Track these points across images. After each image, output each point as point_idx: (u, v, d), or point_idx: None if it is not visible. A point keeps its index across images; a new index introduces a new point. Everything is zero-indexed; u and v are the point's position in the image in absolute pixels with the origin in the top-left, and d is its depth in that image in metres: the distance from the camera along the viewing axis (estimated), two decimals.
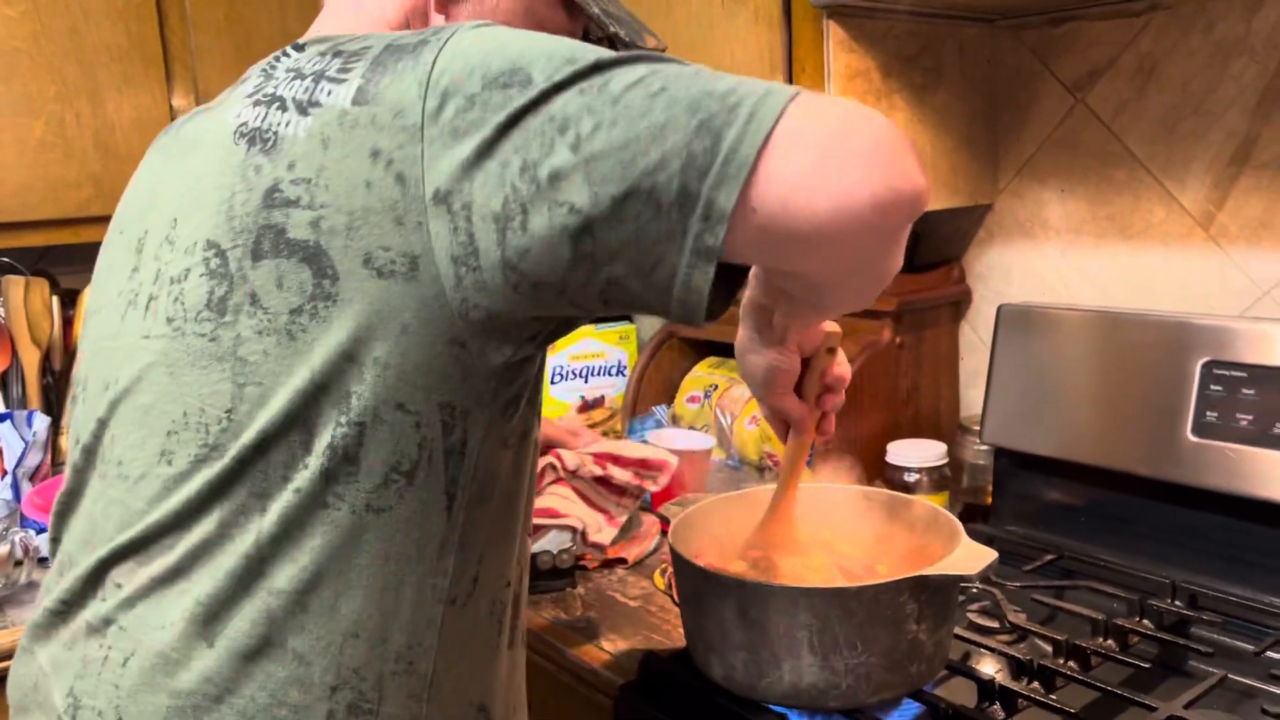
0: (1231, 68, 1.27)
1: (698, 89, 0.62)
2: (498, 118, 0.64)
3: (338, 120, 0.69)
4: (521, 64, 0.65)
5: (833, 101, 0.64)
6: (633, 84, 0.63)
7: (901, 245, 0.70)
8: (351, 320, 0.70)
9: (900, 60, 1.37)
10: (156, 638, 0.74)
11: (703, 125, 0.61)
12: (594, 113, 0.62)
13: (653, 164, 0.61)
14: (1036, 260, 1.51)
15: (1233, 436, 1.17)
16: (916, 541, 1.06)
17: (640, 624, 1.27)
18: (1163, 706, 0.94)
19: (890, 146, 0.61)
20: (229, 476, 0.73)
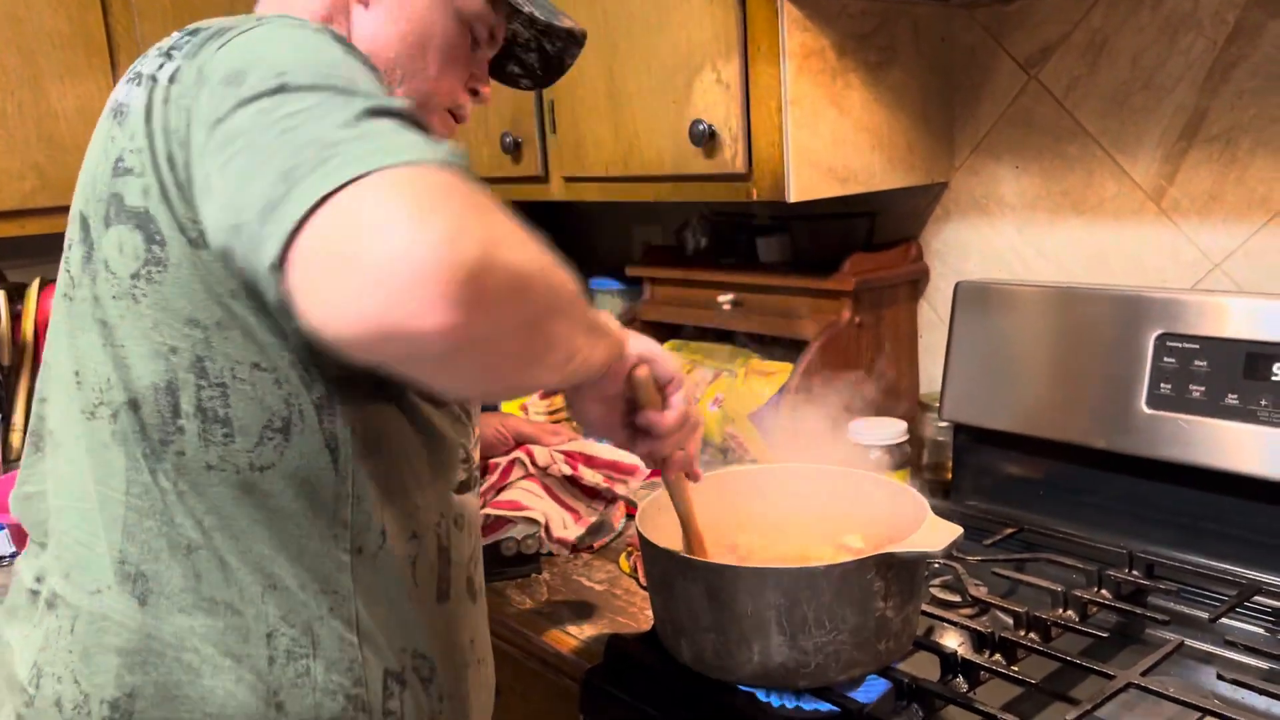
0: (1180, 42, 1.28)
1: (316, 134, 0.60)
2: (218, 115, 0.67)
3: (161, 95, 0.74)
4: (247, 69, 0.67)
5: (426, 191, 0.56)
6: (287, 115, 0.63)
7: (490, 361, 0.61)
8: (183, 285, 0.75)
9: (855, 39, 1.38)
10: (93, 602, 0.79)
11: (290, 172, 0.59)
12: (247, 135, 0.64)
13: (245, 202, 0.61)
14: (993, 237, 1.52)
15: (1186, 408, 1.19)
16: (882, 519, 1.07)
17: (606, 608, 1.27)
18: (1121, 674, 0.95)
19: (408, 268, 0.53)
20: (120, 436, 0.78)
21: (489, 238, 0.56)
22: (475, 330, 0.55)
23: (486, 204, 0.59)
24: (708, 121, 1.38)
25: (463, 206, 0.56)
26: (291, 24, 0.73)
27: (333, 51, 0.69)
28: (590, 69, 1.56)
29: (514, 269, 0.58)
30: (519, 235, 0.61)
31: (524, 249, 0.61)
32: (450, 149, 0.62)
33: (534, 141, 1.71)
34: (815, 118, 1.35)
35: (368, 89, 0.66)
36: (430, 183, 0.57)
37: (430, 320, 0.53)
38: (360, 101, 0.63)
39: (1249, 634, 1.07)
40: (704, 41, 1.37)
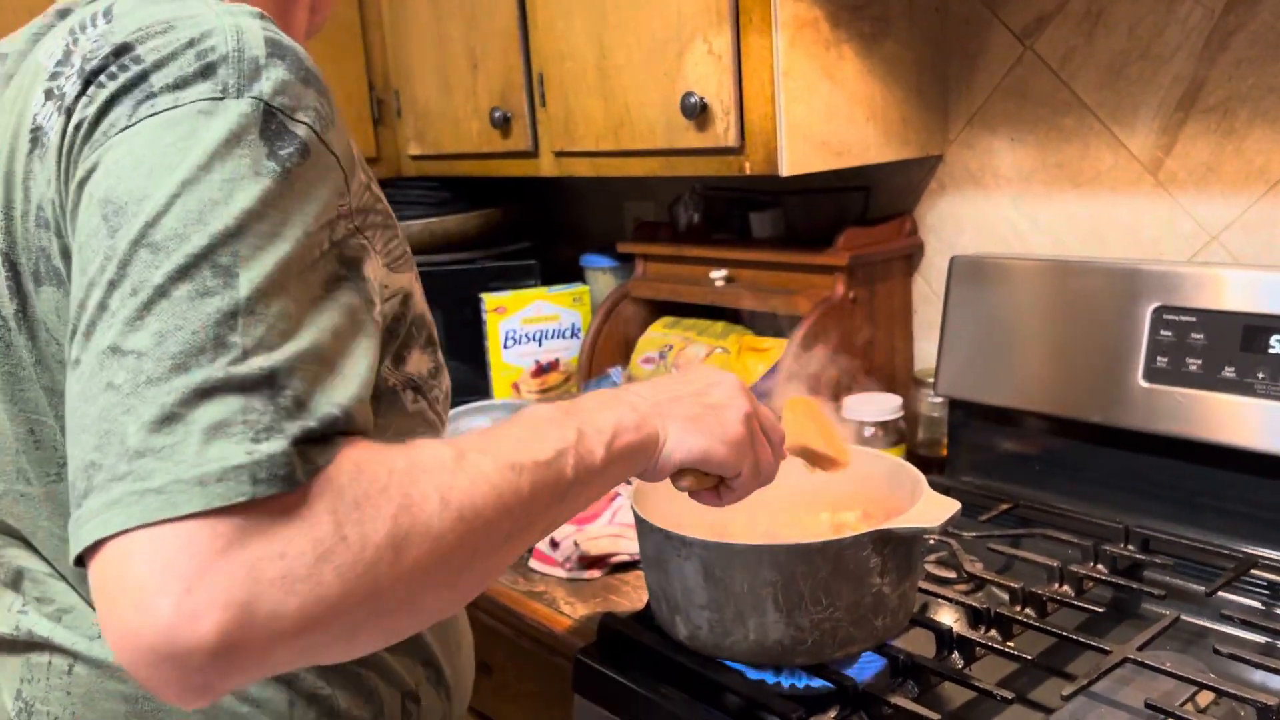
0: (1178, 11, 1.26)
1: (124, 424, 0.53)
2: (93, 246, 0.58)
3: (71, 142, 0.64)
4: (125, 203, 0.57)
5: (186, 554, 0.50)
6: (111, 349, 0.55)
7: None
8: None
9: (848, 9, 1.36)
10: (95, 648, 0.75)
11: (90, 468, 0.53)
12: (87, 349, 0.56)
13: (70, 455, 0.56)
14: (988, 210, 1.51)
15: (1183, 381, 1.18)
16: (878, 495, 1.06)
17: (598, 588, 1.27)
18: (1117, 649, 0.95)
19: (138, 652, 0.50)
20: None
21: (254, 602, 0.50)
22: (236, 683, 0.52)
23: (294, 534, 0.52)
24: (699, 94, 1.36)
25: (230, 574, 0.50)
26: (216, 133, 0.59)
27: (237, 203, 0.57)
28: (579, 41, 1.54)
29: (322, 616, 0.52)
30: (324, 559, 0.52)
31: (345, 574, 0.53)
32: (283, 444, 0.53)
33: (524, 116, 1.69)
34: (808, 90, 1.33)
35: (249, 280, 0.56)
36: (198, 546, 0.50)
37: (170, 690, 0.51)
38: (198, 368, 0.53)
39: (1245, 608, 1.07)
40: (695, 12, 1.35)
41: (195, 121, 0.59)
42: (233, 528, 0.51)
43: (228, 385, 0.53)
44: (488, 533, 0.60)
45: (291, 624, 0.51)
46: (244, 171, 0.58)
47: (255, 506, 0.52)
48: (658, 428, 0.76)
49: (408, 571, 0.55)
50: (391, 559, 0.54)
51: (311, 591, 0.51)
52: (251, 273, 0.56)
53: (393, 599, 0.55)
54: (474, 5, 1.73)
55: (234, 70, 0.61)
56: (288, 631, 0.51)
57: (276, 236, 0.58)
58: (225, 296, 0.55)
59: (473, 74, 1.78)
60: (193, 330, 0.54)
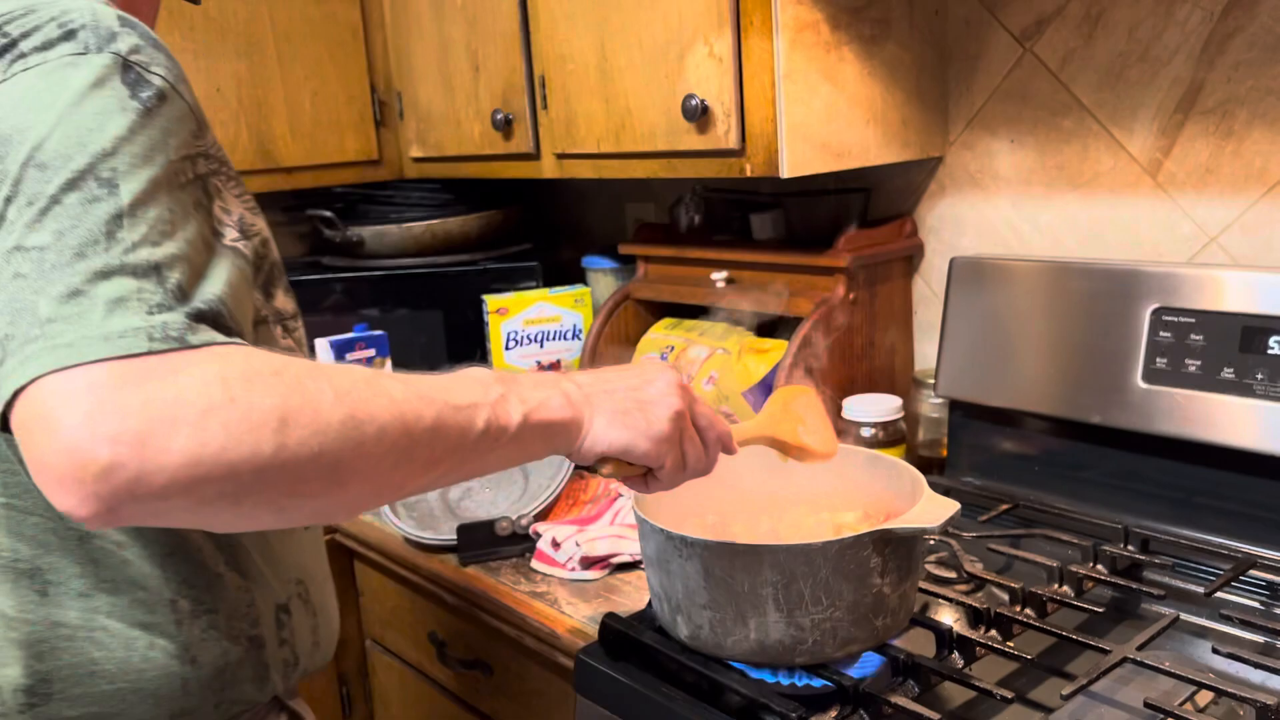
0: (1177, 14, 1.27)
1: (34, 300, 0.62)
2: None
3: None
4: (7, 140, 0.67)
5: (96, 391, 0.59)
6: (21, 249, 0.64)
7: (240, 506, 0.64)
8: None
9: (849, 12, 1.36)
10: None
11: (3, 340, 0.62)
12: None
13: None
14: (988, 212, 1.52)
15: (1182, 382, 1.19)
16: (879, 495, 1.07)
17: (601, 586, 1.27)
18: (1117, 649, 0.95)
19: (50, 468, 0.59)
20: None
21: (165, 440, 0.58)
22: (133, 511, 0.59)
23: (194, 383, 0.60)
24: (700, 96, 1.36)
25: (136, 407, 0.58)
26: (84, 79, 0.69)
27: (110, 130, 0.68)
28: (581, 43, 1.54)
29: (206, 465, 0.59)
30: (224, 408, 0.60)
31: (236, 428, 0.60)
32: (181, 317, 0.63)
33: (525, 118, 1.70)
34: (809, 92, 1.33)
35: (130, 190, 0.66)
36: (111, 384, 0.59)
37: (80, 510, 0.59)
38: (95, 255, 0.63)
39: (1244, 608, 1.08)
40: (696, 15, 1.36)
41: (64, 71, 0.69)
42: (132, 371, 0.60)
43: (122, 270, 0.63)
44: (379, 442, 0.65)
45: (177, 461, 0.58)
46: (112, 107, 0.69)
47: (153, 359, 0.60)
48: (584, 415, 0.81)
49: (293, 449, 0.61)
50: (276, 429, 0.61)
51: (196, 436, 0.59)
52: (130, 184, 0.66)
53: (276, 472, 0.61)
54: (476, 7, 1.74)
55: (92, 34, 0.71)
56: (174, 468, 0.58)
57: (147, 160, 0.68)
58: (110, 202, 0.65)
59: (474, 76, 1.78)
60: (87, 228, 0.64)
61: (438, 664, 1.49)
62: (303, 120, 1.94)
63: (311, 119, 1.95)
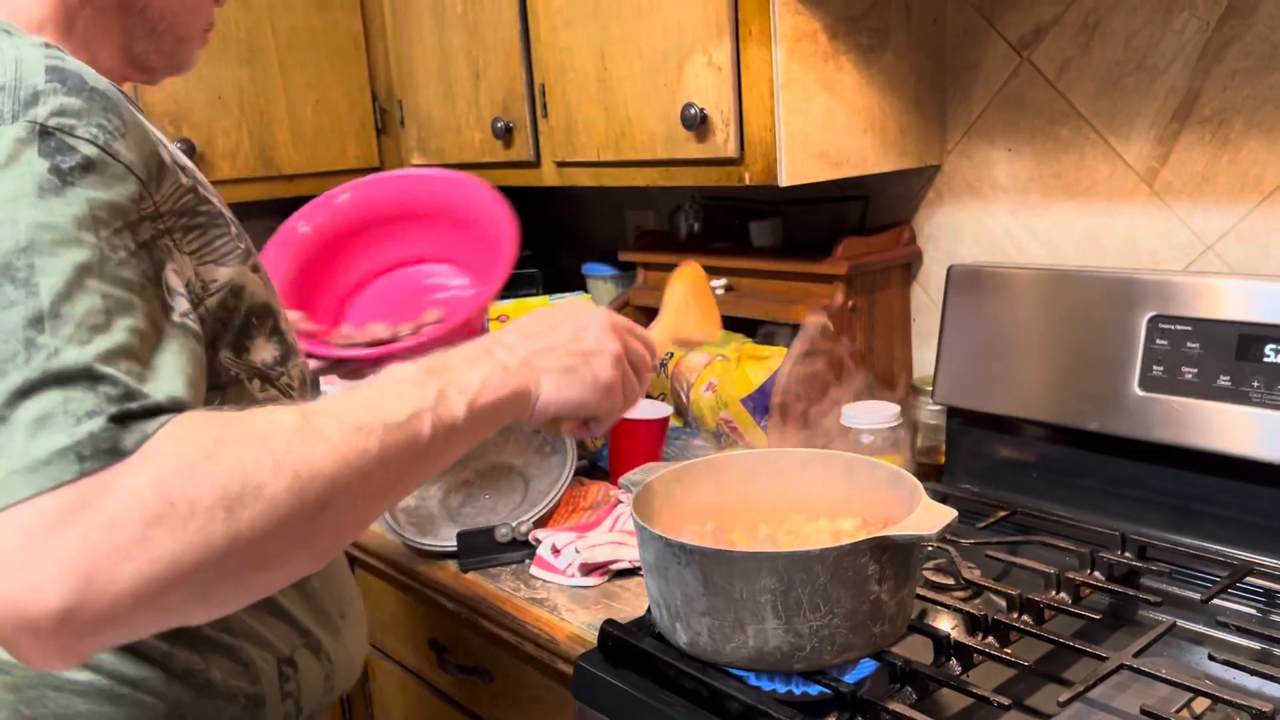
0: (1173, 23, 1.28)
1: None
2: None
3: None
4: None
5: (26, 532, 0.54)
6: None
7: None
8: None
9: (847, 21, 1.37)
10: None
11: None
12: None
13: None
14: (986, 220, 1.52)
15: (1178, 390, 1.19)
16: (877, 502, 1.07)
17: (599, 594, 1.27)
18: (1113, 656, 0.96)
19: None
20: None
21: (93, 571, 0.54)
22: (99, 643, 0.56)
23: (119, 500, 0.56)
24: (699, 105, 1.37)
25: (68, 543, 0.54)
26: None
27: (23, 218, 0.61)
28: (581, 52, 1.55)
29: (160, 578, 0.56)
30: (156, 521, 0.56)
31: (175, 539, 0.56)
32: (100, 421, 0.57)
33: (525, 126, 1.70)
34: (807, 101, 1.34)
35: (50, 287, 0.60)
36: (37, 522, 0.55)
37: (44, 662, 0.56)
38: (14, 371, 0.57)
39: (1241, 615, 1.08)
40: (695, 24, 1.36)
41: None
42: (63, 505, 0.55)
43: (44, 381, 0.57)
44: (332, 492, 0.62)
45: (131, 587, 0.55)
46: (25, 189, 0.62)
47: (83, 484, 0.55)
48: (529, 383, 0.80)
49: (246, 532, 0.58)
50: (225, 519, 0.57)
51: (145, 554, 0.55)
52: (51, 279, 0.60)
53: (236, 559, 0.58)
54: (476, 16, 1.74)
55: (8, 98, 0.64)
56: (130, 594, 0.55)
57: (72, 243, 0.62)
58: (29, 305, 0.59)
59: (475, 84, 1.79)
60: (3, 340, 0.58)
61: (438, 670, 1.49)
62: (304, 128, 1.95)
63: (313, 126, 1.96)
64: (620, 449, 1.52)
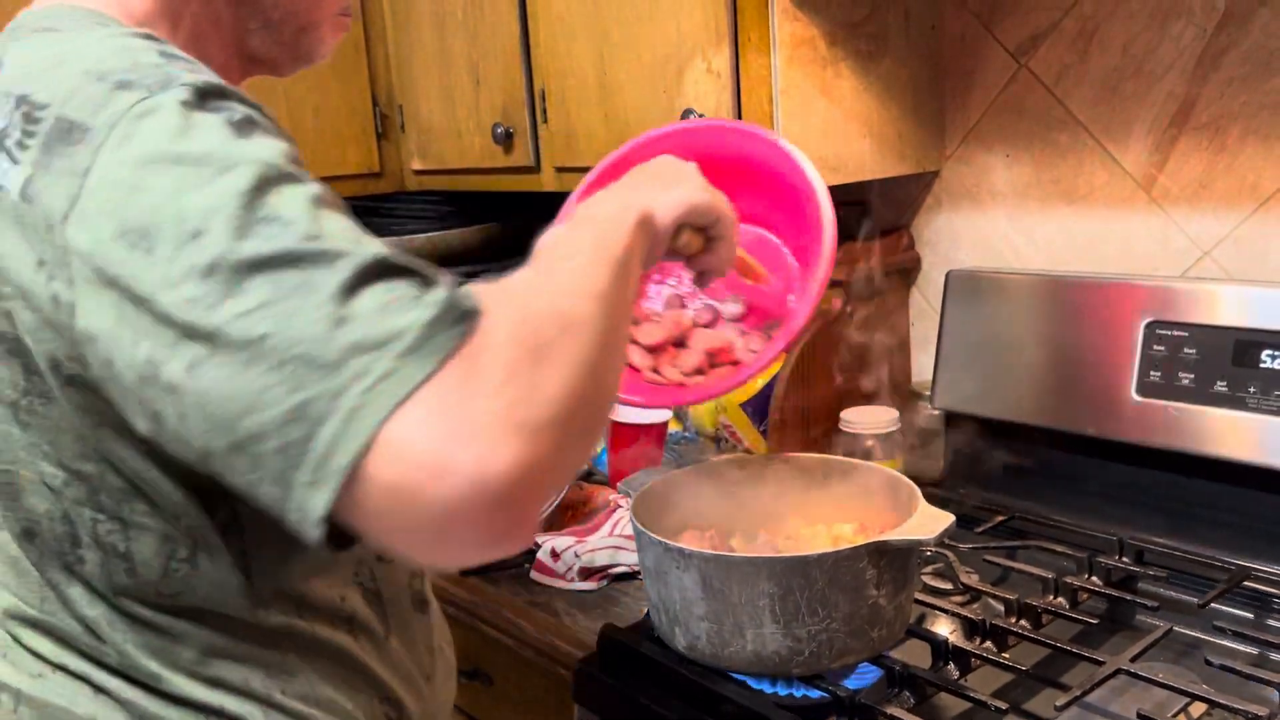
0: (1171, 30, 1.28)
1: (305, 350, 0.53)
2: (124, 281, 0.57)
3: (12, 210, 0.61)
4: (151, 223, 0.57)
5: (446, 407, 0.52)
6: (242, 314, 0.54)
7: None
8: (69, 421, 0.66)
9: (845, 28, 1.38)
10: (35, 686, 0.75)
11: (300, 409, 0.53)
12: (207, 338, 0.55)
13: (251, 432, 0.54)
14: (984, 226, 1.53)
15: (1175, 395, 1.20)
16: (875, 507, 1.07)
17: (598, 598, 1.28)
18: (1111, 660, 0.96)
19: (462, 516, 0.52)
20: (19, 559, 0.73)
21: (522, 421, 0.53)
22: (549, 493, 0.57)
23: (497, 348, 0.55)
24: (699, 111, 1.38)
25: (484, 402, 0.53)
26: (164, 129, 0.59)
27: (235, 167, 0.58)
28: (581, 58, 1.56)
29: (554, 423, 0.55)
30: (535, 351, 0.56)
31: (554, 367, 0.57)
32: (442, 292, 0.56)
33: (525, 132, 1.71)
34: (806, 107, 1.35)
35: (304, 219, 0.57)
36: (451, 393, 0.53)
37: (509, 542, 0.55)
38: (320, 274, 0.55)
39: (1238, 619, 1.08)
40: (694, 30, 1.37)
41: (137, 125, 0.59)
42: (457, 374, 0.53)
43: (359, 279, 0.55)
44: (610, 305, 0.64)
45: (551, 433, 0.54)
46: (218, 136, 0.59)
47: (463, 352, 0.54)
48: (643, 199, 0.80)
49: (595, 353, 0.60)
50: (573, 347, 0.58)
51: (546, 396, 0.55)
52: (295, 209, 0.57)
53: (591, 382, 0.59)
54: (477, 22, 1.75)
55: (145, 76, 0.61)
56: (552, 439, 0.54)
57: (288, 178, 0.59)
58: (291, 231, 0.56)
59: (475, 90, 1.79)
60: (293, 264, 0.55)
61: None
62: (305, 133, 1.95)
63: (314, 131, 1.96)
64: (619, 453, 1.52)
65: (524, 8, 1.66)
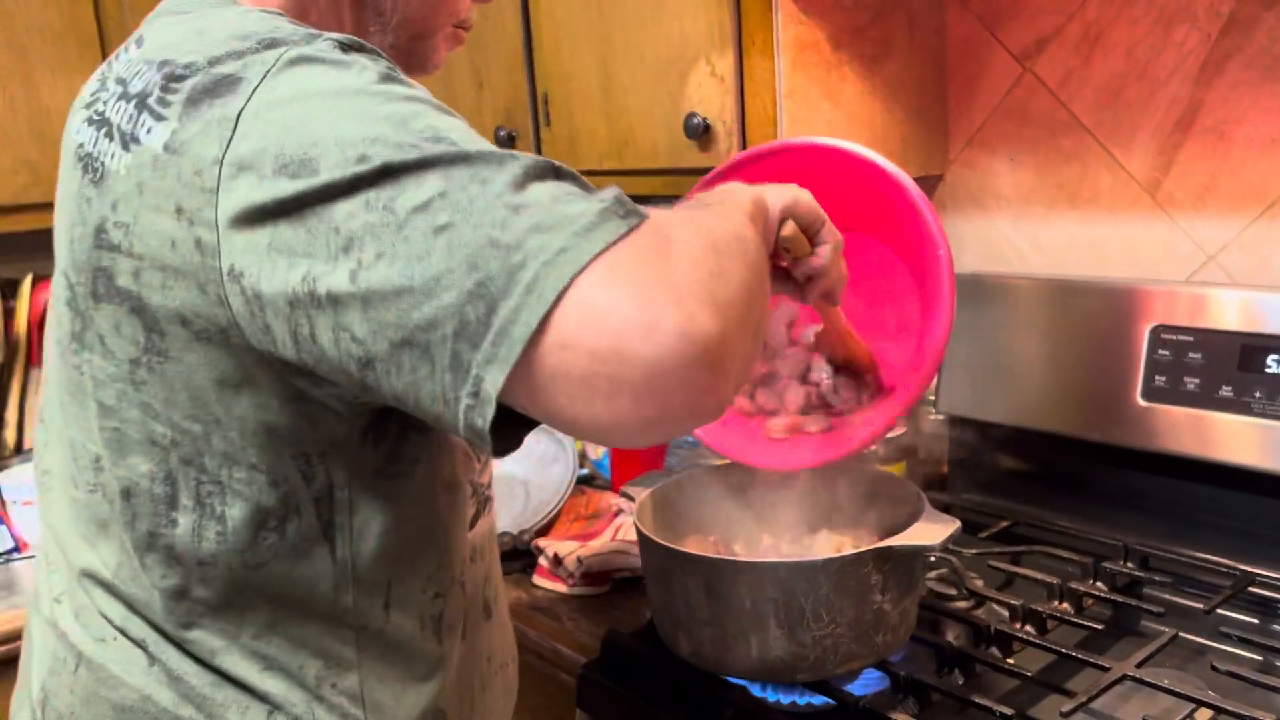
0: (1174, 34, 1.28)
1: (484, 234, 0.55)
2: (284, 208, 0.59)
3: (151, 164, 0.65)
4: (313, 153, 0.59)
5: (637, 274, 0.54)
6: (418, 208, 0.57)
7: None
8: (185, 379, 0.68)
9: (850, 31, 1.37)
10: (98, 650, 0.76)
11: (480, 288, 0.54)
12: (376, 237, 0.57)
13: (426, 320, 0.56)
14: (988, 230, 1.52)
15: (1181, 400, 1.19)
16: (879, 512, 1.07)
17: (601, 603, 1.27)
18: (1116, 666, 0.96)
19: (672, 372, 0.53)
20: (110, 518, 0.74)
21: (712, 294, 0.56)
22: (734, 383, 0.58)
23: (676, 240, 0.58)
24: (702, 115, 1.37)
25: (680, 272, 0.55)
26: (316, 70, 0.63)
27: (392, 99, 0.61)
28: (584, 61, 1.56)
29: (737, 307, 0.58)
30: (712, 250, 0.59)
31: (728, 265, 0.59)
32: (612, 192, 0.59)
33: (528, 135, 1.71)
34: (810, 111, 1.35)
35: (463, 137, 0.59)
36: (639, 264, 0.55)
37: (709, 400, 0.56)
38: (491, 172, 0.57)
39: (1243, 625, 1.08)
40: (698, 34, 1.37)
41: (290, 70, 0.63)
42: (643, 256, 0.55)
43: (528, 175, 0.58)
44: (748, 252, 0.64)
45: (738, 312, 0.57)
46: (369, 77, 0.62)
47: (641, 234, 0.56)
48: (750, 189, 0.80)
49: (749, 267, 0.62)
50: (732, 256, 0.60)
51: (730, 282, 0.58)
52: (457, 132, 0.60)
53: (756, 290, 0.61)
54: (479, 26, 1.75)
55: (292, 34, 0.65)
56: (740, 317, 0.57)
57: (443, 110, 0.63)
58: (453, 140, 0.59)
59: (478, 93, 1.79)
60: (460, 168, 0.57)
61: None
62: None
63: None
64: (621, 458, 1.52)
65: (526, 11, 1.66)
